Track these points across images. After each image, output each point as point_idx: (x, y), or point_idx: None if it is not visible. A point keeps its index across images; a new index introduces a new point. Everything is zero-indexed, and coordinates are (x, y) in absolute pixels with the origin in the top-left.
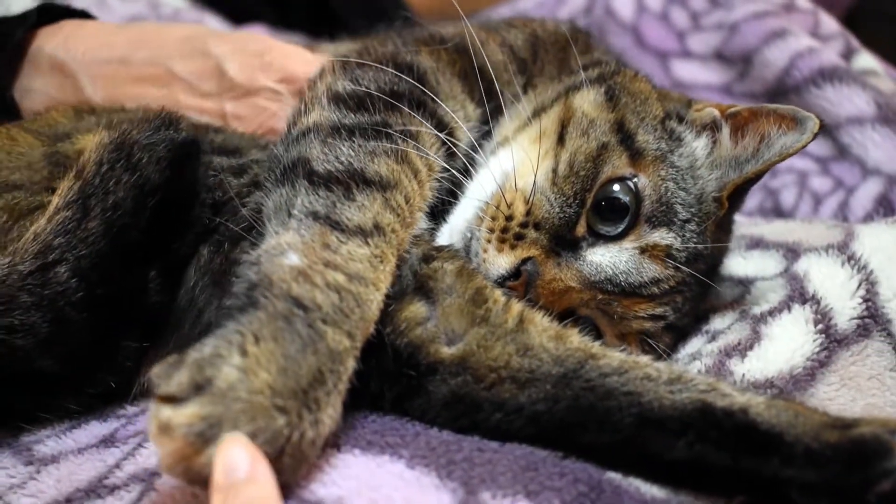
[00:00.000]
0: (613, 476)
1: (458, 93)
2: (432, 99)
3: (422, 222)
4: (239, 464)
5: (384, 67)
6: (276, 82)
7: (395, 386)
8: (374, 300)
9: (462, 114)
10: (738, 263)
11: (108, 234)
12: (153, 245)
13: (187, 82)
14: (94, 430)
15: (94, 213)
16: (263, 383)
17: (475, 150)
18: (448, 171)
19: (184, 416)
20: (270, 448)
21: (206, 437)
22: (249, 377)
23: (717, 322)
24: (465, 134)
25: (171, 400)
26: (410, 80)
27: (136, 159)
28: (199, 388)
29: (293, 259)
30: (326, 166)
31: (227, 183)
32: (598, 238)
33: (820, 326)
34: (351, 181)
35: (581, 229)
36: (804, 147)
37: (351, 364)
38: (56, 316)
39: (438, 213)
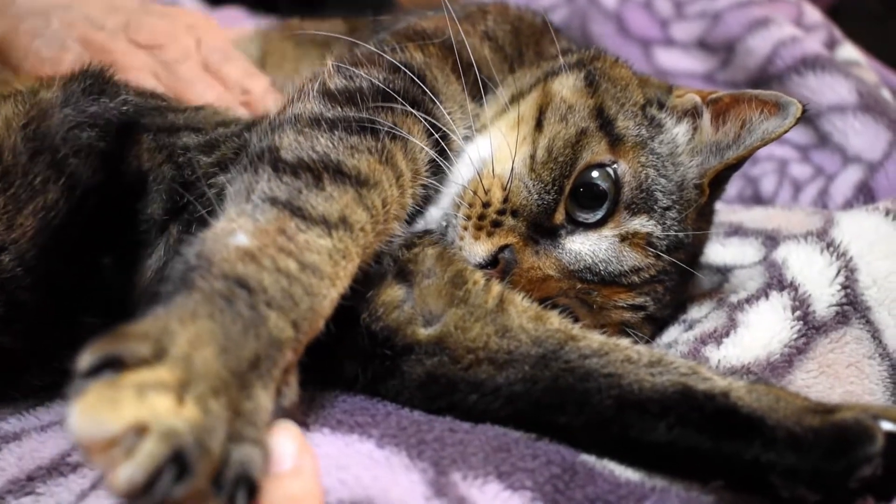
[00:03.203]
0: (587, 458)
1: (458, 92)
2: (431, 99)
3: (398, 230)
4: (285, 454)
5: (379, 65)
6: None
7: (370, 367)
8: (328, 296)
9: (459, 114)
10: (716, 251)
11: (46, 232)
12: (102, 236)
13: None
14: (58, 407)
15: (26, 210)
16: (210, 355)
17: (464, 139)
18: (433, 168)
19: (164, 373)
20: (229, 411)
21: (180, 396)
22: (197, 349)
23: (695, 311)
24: (459, 134)
25: (137, 366)
26: (407, 79)
27: (60, 156)
28: (158, 356)
29: (241, 240)
30: (298, 154)
31: (196, 161)
32: (577, 226)
33: (798, 313)
34: (323, 171)
35: (559, 217)
36: (787, 132)
37: (289, 355)
38: (8, 298)
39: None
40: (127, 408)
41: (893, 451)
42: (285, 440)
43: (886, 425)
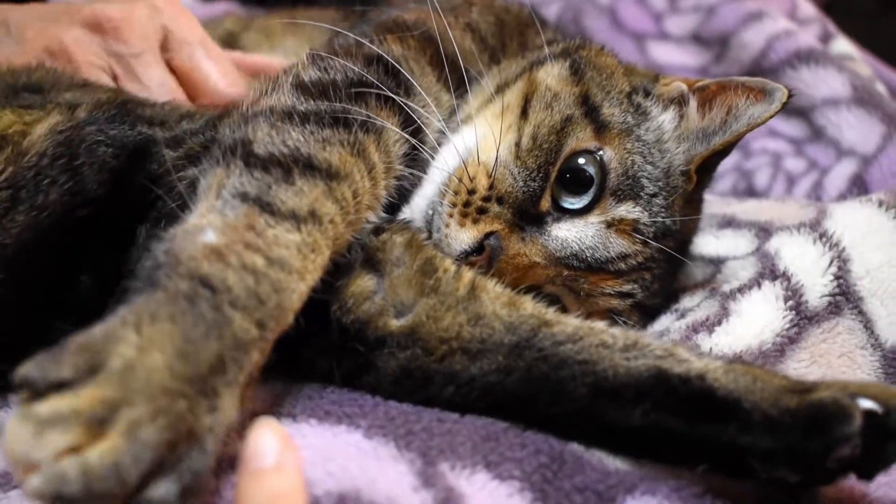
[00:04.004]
0: (576, 447)
1: (433, 83)
2: (405, 90)
3: (372, 218)
4: (267, 450)
5: (354, 57)
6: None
7: (343, 362)
8: (297, 290)
9: (435, 105)
10: (709, 243)
11: (33, 232)
12: (85, 251)
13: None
14: None
15: (22, 206)
16: (160, 363)
17: (442, 134)
18: (412, 156)
19: (83, 398)
20: (171, 433)
21: (104, 421)
22: (145, 357)
23: (687, 301)
24: (436, 123)
25: (53, 390)
26: (381, 71)
27: (78, 163)
28: (91, 370)
29: (209, 237)
30: (269, 148)
31: (163, 156)
32: (564, 213)
33: (790, 303)
34: (294, 165)
35: (545, 203)
36: (772, 116)
37: (256, 356)
38: None
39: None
40: (23, 442)
41: (873, 430)
42: (267, 436)
43: (865, 403)
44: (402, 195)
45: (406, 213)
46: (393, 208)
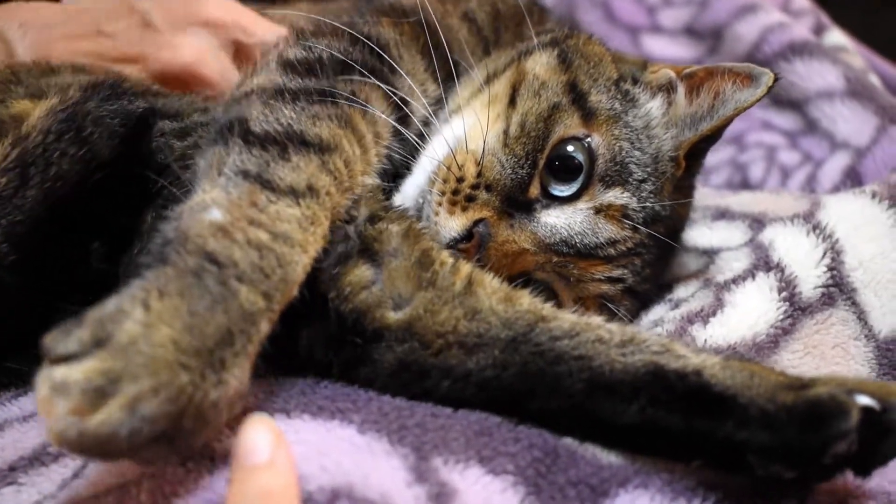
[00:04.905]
0: (569, 442)
1: (421, 71)
2: (390, 68)
3: (369, 179)
4: (260, 446)
5: (339, 37)
6: (198, 26)
7: (341, 354)
8: (300, 262)
9: (421, 90)
10: (703, 234)
11: (46, 204)
12: (98, 217)
13: (113, 37)
14: None
15: (32, 182)
16: (166, 338)
17: (429, 122)
18: (400, 139)
19: (82, 370)
20: (173, 406)
21: (104, 392)
22: (151, 332)
23: (681, 291)
24: (420, 106)
25: (67, 359)
26: (366, 51)
27: (87, 133)
28: (99, 343)
29: (215, 215)
30: (264, 126)
31: (170, 146)
32: (552, 199)
33: (784, 294)
34: (288, 142)
35: (534, 191)
36: (759, 100)
37: (264, 327)
38: None
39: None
40: (43, 395)
41: (870, 426)
42: (260, 432)
43: (862, 399)
44: (397, 171)
45: (397, 199)
46: (389, 176)
